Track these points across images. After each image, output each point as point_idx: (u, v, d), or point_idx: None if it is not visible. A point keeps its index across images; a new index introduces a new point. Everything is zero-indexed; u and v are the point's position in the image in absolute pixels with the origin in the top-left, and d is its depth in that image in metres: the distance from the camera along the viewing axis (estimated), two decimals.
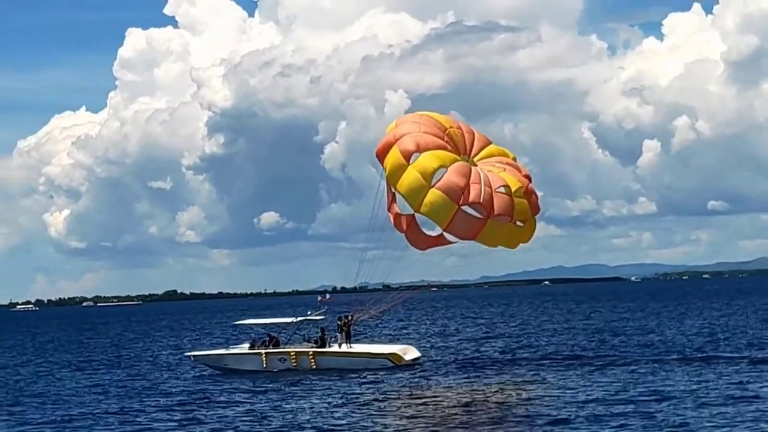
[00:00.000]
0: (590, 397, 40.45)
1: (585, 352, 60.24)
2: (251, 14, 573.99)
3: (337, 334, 56.16)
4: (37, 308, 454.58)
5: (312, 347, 55.93)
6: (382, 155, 45.16)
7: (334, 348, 55.67)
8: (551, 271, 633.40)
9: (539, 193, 46.68)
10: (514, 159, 47.21)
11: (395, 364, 54.72)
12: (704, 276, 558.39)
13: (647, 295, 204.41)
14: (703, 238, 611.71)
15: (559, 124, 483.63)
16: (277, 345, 56.59)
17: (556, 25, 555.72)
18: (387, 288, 72.70)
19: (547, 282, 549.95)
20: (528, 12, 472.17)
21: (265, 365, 55.46)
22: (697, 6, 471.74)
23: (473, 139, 46.54)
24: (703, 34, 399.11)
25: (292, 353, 55.52)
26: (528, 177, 46.18)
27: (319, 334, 56.63)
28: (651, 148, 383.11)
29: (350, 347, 55.82)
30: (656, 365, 51.15)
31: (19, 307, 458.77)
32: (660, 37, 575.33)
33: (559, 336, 76.99)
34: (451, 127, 46.27)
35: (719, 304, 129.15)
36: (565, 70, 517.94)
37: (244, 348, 58.23)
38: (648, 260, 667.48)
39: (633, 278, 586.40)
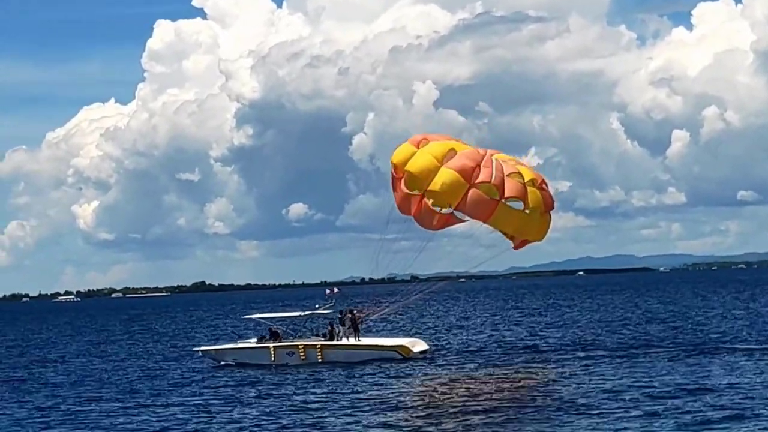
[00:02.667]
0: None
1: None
2: (279, 6, 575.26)
3: (340, 326, 56.35)
4: (79, 299, 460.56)
5: (320, 341, 56.16)
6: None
7: (342, 341, 55.89)
8: (579, 262, 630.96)
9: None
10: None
11: (403, 356, 54.82)
12: (740, 266, 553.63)
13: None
14: (733, 228, 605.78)
15: (588, 115, 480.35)
16: (277, 339, 56.90)
17: (585, 16, 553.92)
18: (415, 279, 72.71)
19: (581, 273, 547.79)
20: (556, 3, 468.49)
21: (273, 359, 55.68)
22: None
23: (486, 150, 47.32)
24: (732, 23, 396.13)
25: (300, 347, 55.72)
26: (544, 182, 46.56)
27: (328, 328, 56.85)
28: (680, 138, 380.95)
29: (358, 340, 55.99)
30: None
31: (61, 297, 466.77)
32: (689, 27, 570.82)
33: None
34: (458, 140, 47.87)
35: None
36: (594, 60, 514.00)
37: (252, 342, 58.58)
38: (677, 251, 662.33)
39: (662, 269, 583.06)
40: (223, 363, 57.46)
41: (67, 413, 42.31)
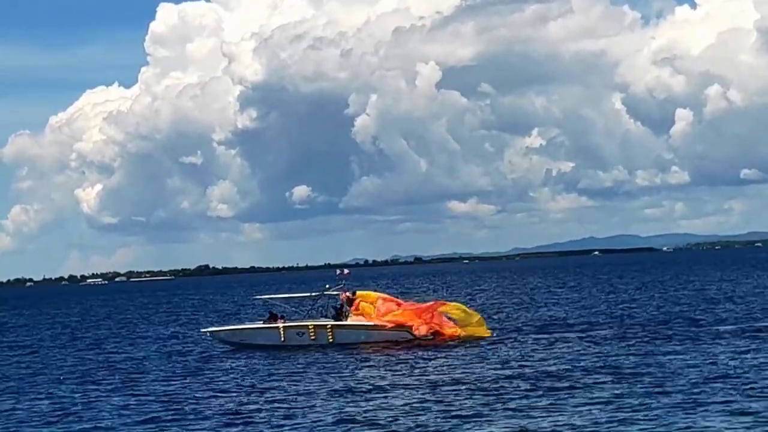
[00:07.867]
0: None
1: None
2: None
3: (348, 308, 55.79)
4: (106, 282, 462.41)
5: (330, 321, 55.60)
6: None
7: (353, 321, 55.35)
8: (582, 242, 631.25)
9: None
10: None
11: (414, 336, 54.36)
12: (757, 244, 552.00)
13: None
14: (736, 207, 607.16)
15: (591, 95, 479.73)
16: (277, 322, 56.40)
17: None
18: (419, 261, 72.35)
19: (597, 252, 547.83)
20: None
21: (283, 339, 55.14)
22: None
23: None
24: (736, 2, 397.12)
25: (310, 327, 55.17)
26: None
27: (337, 308, 56.27)
28: (683, 117, 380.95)
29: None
30: None
31: (89, 281, 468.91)
32: (693, 5, 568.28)
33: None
34: None
35: None
36: (597, 40, 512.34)
37: (260, 323, 58.03)
38: (680, 230, 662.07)
39: (665, 248, 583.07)
40: (231, 344, 56.91)
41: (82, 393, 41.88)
